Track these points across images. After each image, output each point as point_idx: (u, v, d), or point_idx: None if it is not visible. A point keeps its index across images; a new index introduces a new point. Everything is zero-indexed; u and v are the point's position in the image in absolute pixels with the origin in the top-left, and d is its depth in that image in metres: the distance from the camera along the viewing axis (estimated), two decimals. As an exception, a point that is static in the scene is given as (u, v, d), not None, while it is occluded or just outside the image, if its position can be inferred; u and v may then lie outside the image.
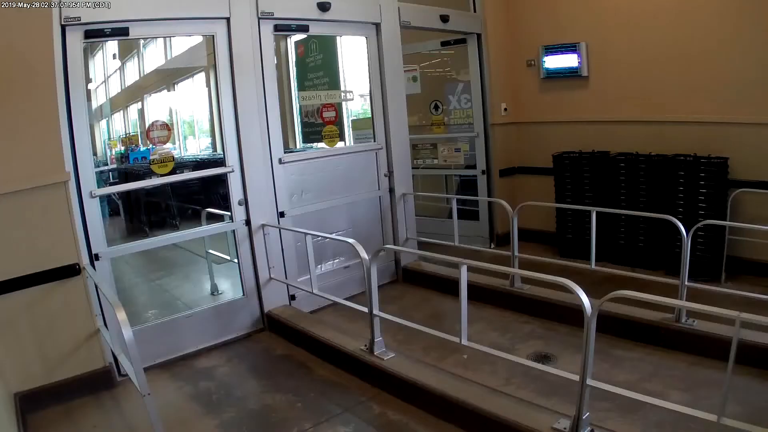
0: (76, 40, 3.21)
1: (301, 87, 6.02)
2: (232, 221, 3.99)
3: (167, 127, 3.75)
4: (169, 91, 4.93)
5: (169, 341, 3.69)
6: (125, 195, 4.84)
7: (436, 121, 6.02)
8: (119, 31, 3.37)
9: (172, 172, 3.75)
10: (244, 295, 4.08)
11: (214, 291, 4.43)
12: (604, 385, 2.31)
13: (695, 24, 4.44)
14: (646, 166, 4.66)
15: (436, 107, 6.00)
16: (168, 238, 3.97)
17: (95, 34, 3.29)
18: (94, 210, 3.36)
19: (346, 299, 3.90)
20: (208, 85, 4.58)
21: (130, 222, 5.09)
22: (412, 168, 5.19)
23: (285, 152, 4.27)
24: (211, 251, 4.48)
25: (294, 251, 4.26)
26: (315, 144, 5.24)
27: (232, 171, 3.93)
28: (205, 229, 4.08)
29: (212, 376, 3.48)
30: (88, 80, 3.48)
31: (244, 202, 3.98)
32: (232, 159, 3.92)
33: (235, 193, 3.97)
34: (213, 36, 3.78)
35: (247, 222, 4.01)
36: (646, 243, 4.73)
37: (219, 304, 4.11)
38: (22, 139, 2.98)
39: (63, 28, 3.13)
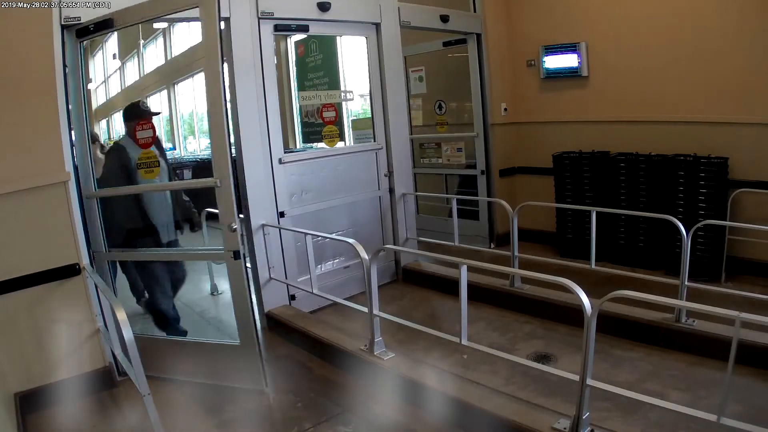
0: (75, 40, 3.21)
1: (301, 87, 6.03)
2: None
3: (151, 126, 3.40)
4: (168, 90, 4.93)
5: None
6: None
7: (440, 121, 6.02)
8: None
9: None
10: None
11: (214, 291, 4.44)
12: (604, 385, 2.31)
13: (695, 24, 4.43)
14: (646, 166, 4.66)
15: (440, 107, 5.99)
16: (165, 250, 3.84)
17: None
18: (94, 210, 3.35)
19: (346, 299, 3.90)
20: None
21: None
22: (418, 167, 5.17)
23: (285, 152, 4.26)
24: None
25: (294, 251, 4.25)
26: (315, 144, 5.24)
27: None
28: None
29: (212, 376, 3.48)
30: (87, 80, 3.47)
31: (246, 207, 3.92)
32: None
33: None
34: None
35: (249, 228, 3.94)
36: (646, 243, 4.72)
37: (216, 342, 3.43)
38: (22, 139, 2.98)
39: (63, 28, 3.12)
